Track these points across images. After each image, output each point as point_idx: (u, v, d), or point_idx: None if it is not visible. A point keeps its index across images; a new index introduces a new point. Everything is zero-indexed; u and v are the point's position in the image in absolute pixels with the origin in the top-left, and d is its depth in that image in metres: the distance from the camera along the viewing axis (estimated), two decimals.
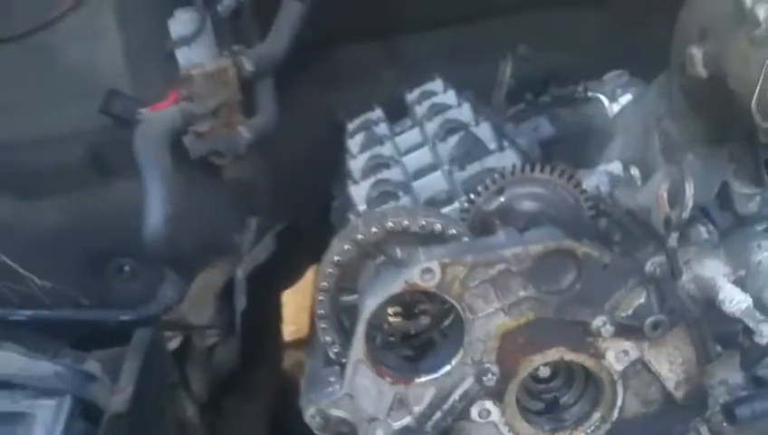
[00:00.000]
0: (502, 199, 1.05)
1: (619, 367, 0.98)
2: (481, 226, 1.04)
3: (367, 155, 1.70)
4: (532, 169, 1.04)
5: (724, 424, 1.01)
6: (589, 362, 0.99)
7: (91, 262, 1.75)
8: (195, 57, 1.50)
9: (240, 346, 2.01)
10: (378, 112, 1.97)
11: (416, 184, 1.48)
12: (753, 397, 0.95)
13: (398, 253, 1.02)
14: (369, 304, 0.92)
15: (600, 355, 0.97)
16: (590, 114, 1.80)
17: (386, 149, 1.70)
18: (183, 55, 1.49)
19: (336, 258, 1.00)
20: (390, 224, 0.99)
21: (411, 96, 1.95)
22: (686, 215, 0.90)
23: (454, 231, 0.99)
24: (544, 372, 1.05)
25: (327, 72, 2.13)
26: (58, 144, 1.60)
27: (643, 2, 1.92)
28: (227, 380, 2.10)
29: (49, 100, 1.56)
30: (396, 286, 0.92)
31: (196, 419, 1.96)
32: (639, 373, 0.99)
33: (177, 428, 1.84)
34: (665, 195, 0.93)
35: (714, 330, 0.99)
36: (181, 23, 1.49)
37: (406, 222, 0.98)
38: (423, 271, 0.91)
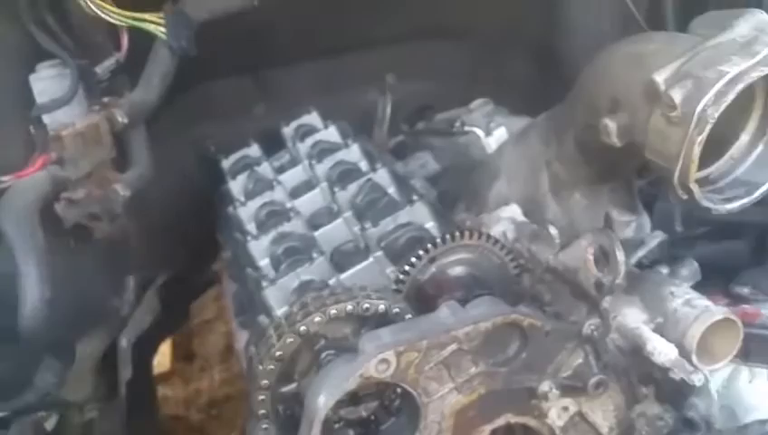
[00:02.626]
0: (434, 268, 1.05)
1: (560, 423, 1.02)
2: (417, 296, 1.04)
3: (258, 202, 1.63)
4: (461, 237, 1.05)
5: None
6: (532, 422, 1.02)
7: None
8: (63, 116, 1.34)
9: (124, 417, 1.85)
10: (255, 148, 1.90)
11: (318, 234, 1.45)
12: (680, 432, 1.03)
13: (337, 333, 0.98)
14: (324, 403, 0.88)
15: (542, 415, 1.01)
16: (466, 143, 1.87)
17: (277, 195, 1.64)
18: (49, 115, 1.33)
19: (278, 353, 0.94)
20: (333, 311, 0.95)
21: (288, 130, 1.90)
22: (619, 280, 0.95)
23: (397, 310, 0.97)
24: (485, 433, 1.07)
25: (194, 105, 2.01)
26: None
27: (503, 35, 2.01)
28: None
29: None
30: (351, 382, 0.89)
31: None
32: (577, 425, 1.04)
33: None
34: (591, 258, 0.98)
35: (638, 374, 1.05)
36: (45, 79, 1.33)
37: (350, 307, 0.95)
38: (378, 362, 0.89)
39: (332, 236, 1.44)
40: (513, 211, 1.31)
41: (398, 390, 0.97)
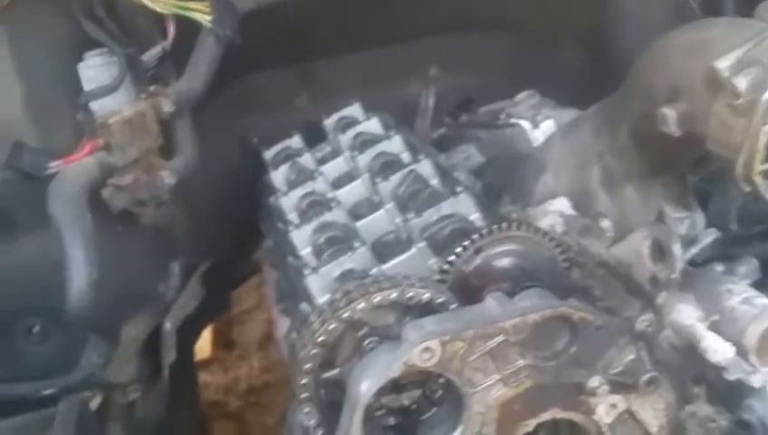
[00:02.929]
0: (479, 259, 1.03)
1: (608, 420, 0.99)
2: (462, 287, 1.02)
3: (299, 192, 1.63)
4: (509, 227, 1.03)
5: None
6: (578, 418, 0.99)
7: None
8: (110, 103, 1.35)
9: (166, 399, 1.88)
10: (297, 139, 1.90)
11: (359, 224, 1.44)
12: None
13: (381, 320, 0.97)
14: (367, 391, 0.88)
15: (590, 411, 0.98)
16: (512, 136, 1.83)
17: (319, 185, 1.63)
18: (97, 102, 1.35)
19: (321, 339, 0.94)
20: (377, 298, 0.94)
21: (329, 121, 1.89)
22: (675, 275, 0.92)
23: (441, 299, 0.96)
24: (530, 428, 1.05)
25: (238, 97, 2.03)
26: None
27: (550, 25, 1.97)
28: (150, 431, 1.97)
29: None
30: (395, 370, 0.87)
31: None
32: (625, 423, 1.01)
33: None
34: (647, 252, 0.95)
35: (691, 373, 1.02)
36: (93, 67, 1.34)
37: (394, 295, 0.94)
38: (422, 350, 0.87)
39: (374, 226, 1.43)
40: (562, 204, 1.28)
41: (441, 380, 0.96)
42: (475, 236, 1.02)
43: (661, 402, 1.01)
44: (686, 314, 0.99)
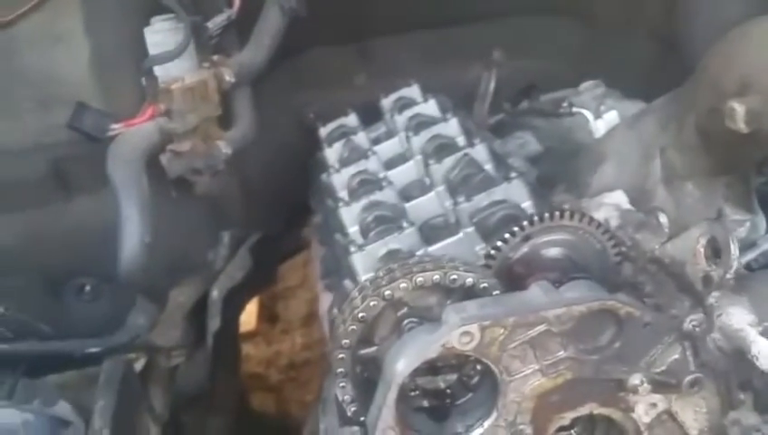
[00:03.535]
0: (527, 247, 1.01)
1: (646, 419, 0.97)
2: (506, 274, 1.00)
3: (351, 170, 1.63)
4: (561, 216, 1.00)
5: None
6: (616, 415, 0.97)
7: (51, 282, 1.63)
8: (174, 70, 1.38)
9: (208, 367, 1.92)
10: (353, 118, 1.90)
11: (408, 206, 1.43)
12: None
13: (422, 301, 0.97)
14: (403, 369, 0.87)
15: (629, 409, 0.96)
16: (571, 127, 1.79)
17: (371, 164, 1.63)
18: (161, 67, 1.37)
19: (361, 315, 0.94)
20: (420, 279, 0.93)
21: (387, 101, 1.88)
22: (730, 275, 0.89)
23: (485, 284, 0.95)
24: (565, 421, 1.03)
25: (296, 73, 2.04)
26: (16, 157, 1.46)
27: (623, 16, 1.91)
28: (193, 398, 2.02)
29: (6, 109, 1.42)
30: (432, 350, 0.87)
31: None
32: (664, 423, 0.98)
33: None
34: (702, 250, 0.91)
35: (738, 378, 0.98)
36: (159, 32, 1.37)
37: (436, 276, 0.93)
38: (462, 334, 0.86)
39: (424, 208, 1.42)
40: (619, 198, 1.24)
41: (479, 366, 0.95)
42: (525, 223, 1.00)
43: (703, 406, 0.97)
44: (738, 317, 0.95)
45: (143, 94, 1.40)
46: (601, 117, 1.71)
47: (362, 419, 0.97)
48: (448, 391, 1.00)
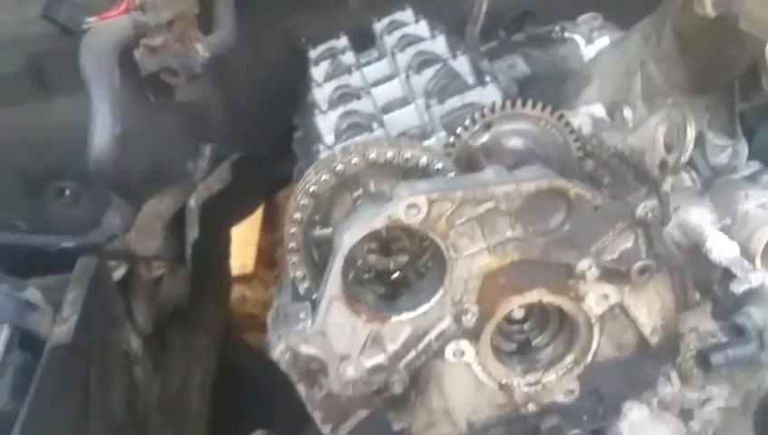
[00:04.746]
0: (488, 136, 0.99)
1: (597, 311, 0.96)
2: (466, 162, 0.99)
3: (334, 84, 1.61)
4: (523, 105, 0.99)
5: (694, 370, 1.01)
6: (567, 305, 0.96)
7: (30, 183, 1.63)
8: None
9: (189, 278, 1.93)
10: (343, 40, 1.87)
11: (387, 117, 1.41)
12: (727, 344, 0.95)
13: (378, 186, 0.96)
14: (349, 239, 0.87)
15: (579, 298, 0.95)
16: (564, 55, 1.76)
17: (354, 79, 1.61)
18: None
19: (312, 189, 0.93)
20: (372, 155, 0.92)
21: (379, 25, 1.86)
22: (684, 159, 0.87)
23: (439, 165, 0.94)
24: (518, 314, 1.03)
25: None
26: None
27: None
28: (174, 312, 2.04)
29: None
30: (378, 221, 0.86)
31: (141, 350, 1.90)
32: (617, 318, 0.98)
33: (121, 359, 1.77)
34: (661, 137, 0.90)
35: (694, 278, 0.97)
36: None
37: (389, 153, 0.92)
38: (408, 206, 0.86)
39: (402, 121, 1.40)
40: (596, 108, 1.22)
41: (429, 249, 0.94)
42: (486, 110, 0.99)
43: (657, 302, 0.96)
44: (697, 214, 0.94)
45: None
46: (593, 43, 1.68)
47: (314, 296, 0.97)
48: (402, 277, 1.00)
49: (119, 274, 1.81)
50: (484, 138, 1.00)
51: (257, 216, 3.61)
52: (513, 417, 1.07)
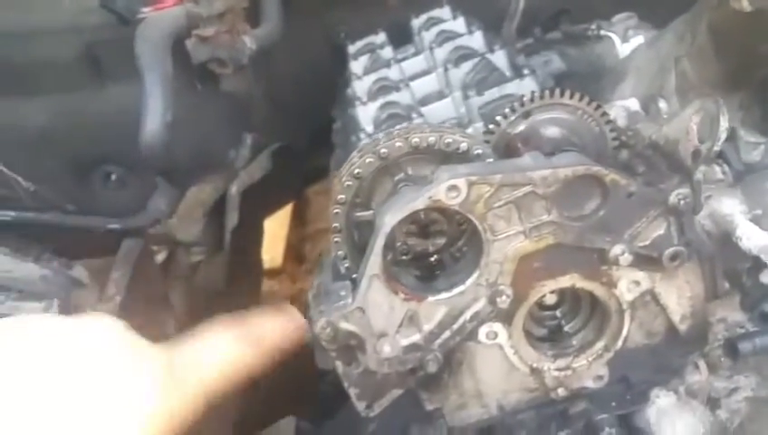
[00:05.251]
0: (526, 124, 1.03)
1: (629, 297, 0.99)
2: (505, 149, 1.02)
3: (373, 77, 1.66)
4: (561, 95, 1.02)
5: (722, 359, 1.03)
6: (599, 291, 0.99)
7: (79, 167, 1.70)
8: None
9: (226, 265, 1.99)
10: (382, 36, 1.91)
11: (425, 109, 1.45)
12: (755, 333, 0.97)
13: (419, 171, 1.00)
14: (390, 219, 0.91)
15: (611, 284, 0.98)
16: (600, 53, 1.78)
17: (393, 73, 1.65)
18: None
19: (357, 171, 0.97)
20: (416, 139, 0.96)
21: (417, 22, 1.90)
22: (717, 148, 0.90)
23: (479, 151, 0.97)
24: (550, 299, 1.06)
25: None
26: (50, 39, 1.52)
27: None
28: (209, 298, 2.09)
29: None
30: (420, 202, 0.90)
31: (176, 335, 1.95)
32: (647, 305, 1.01)
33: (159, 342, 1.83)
34: (695, 127, 0.92)
35: (723, 267, 0.99)
36: None
37: (431, 138, 0.96)
38: (449, 188, 0.89)
39: (440, 113, 1.44)
40: (631, 103, 1.25)
41: (467, 231, 0.98)
42: (525, 99, 1.02)
43: (687, 290, 0.99)
44: (728, 203, 0.96)
45: None
46: (628, 41, 1.70)
47: (354, 276, 1.01)
48: (439, 259, 1.04)
49: (160, 257, 1.87)
50: (523, 126, 1.03)
51: (286, 210, 3.67)
52: (542, 401, 1.10)
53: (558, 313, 1.07)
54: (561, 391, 1.07)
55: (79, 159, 1.70)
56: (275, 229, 3.74)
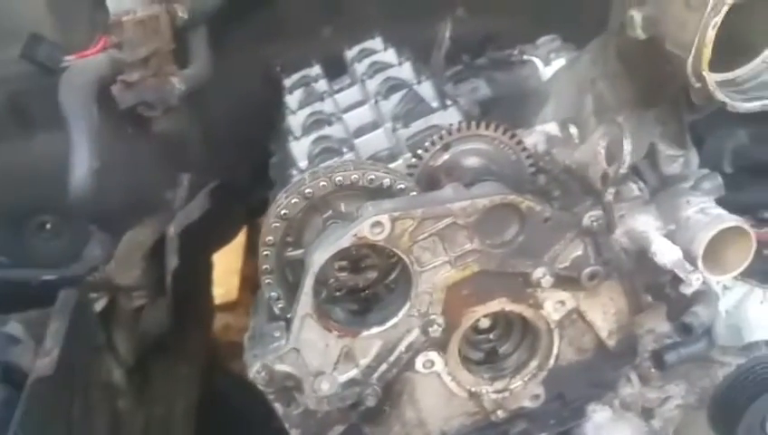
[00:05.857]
0: (447, 155, 1.06)
1: (556, 316, 1.02)
2: (427, 181, 1.05)
3: (307, 111, 1.68)
4: (478, 126, 1.05)
5: (652, 370, 1.07)
6: (527, 313, 1.02)
7: (11, 219, 1.66)
8: (126, 2, 1.42)
9: (170, 307, 1.96)
10: (316, 69, 1.94)
11: (357, 141, 1.47)
12: (679, 344, 1.01)
13: (347, 207, 1.01)
14: (318, 258, 0.92)
15: (538, 305, 1.01)
16: (525, 76, 1.84)
17: (326, 106, 1.68)
18: (113, 1, 1.41)
19: (283, 212, 0.98)
20: (339, 178, 0.98)
21: (350, 53, 1.93)
22: (623, 170, 0.94)
23: (402, 186, 1.00)
24: (484, 324, 1.08)
25: (265, 24, 2.07)
26: None
27: None
28: (156, 342, 2.06)
29: None
30: (345, 240, 0.92)
31: (123, 382, 1.91)
32: (575, 323, 1.04)
33: (104, 391, 1.79)
34: (602, 151, 0.96)
35: (644, 281, 1.03)
36: None
37: (354, 176, 0.98)
38: (373, 224, 0.91)
39: (372, 144, 1.46)
40: (551, 127, 1.29)
41: (397, 267, 1.00)
42: (444, 132, 1.05)
43: (612, 307, 1.02)
44: (643, 221, 1.01)
45: (95, 28, 1.44)
46: (550, 64, 1.77)
47: (289, 316, 1.01)
48: (372, 294, 1.05)
49: (99, 305, 1.84)
50: (444, 157, 1.06)
51: (240, 243, 3.63)
52: (483, 424, 1.11)
53: (492, 335, 1.10)
54: (500, 413, 1.10)
55: (11, 211, 1.66)
56: (229, 262, 3.69)
